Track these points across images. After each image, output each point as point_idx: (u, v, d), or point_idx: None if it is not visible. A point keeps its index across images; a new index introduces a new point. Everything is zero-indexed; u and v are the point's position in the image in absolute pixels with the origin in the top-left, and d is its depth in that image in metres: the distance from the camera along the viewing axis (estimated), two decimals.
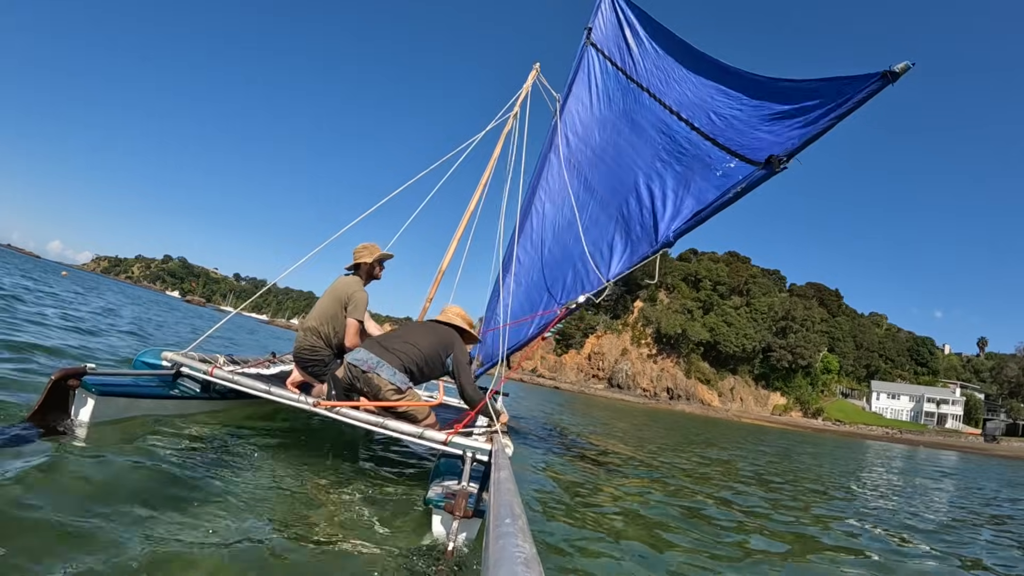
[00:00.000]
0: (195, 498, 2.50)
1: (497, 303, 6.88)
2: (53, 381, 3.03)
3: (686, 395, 78.61)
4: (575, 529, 3.37)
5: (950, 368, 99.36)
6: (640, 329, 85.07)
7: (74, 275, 42.10)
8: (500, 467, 2.53)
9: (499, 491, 2.04)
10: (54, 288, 15.53)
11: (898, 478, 12.13)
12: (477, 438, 3.41)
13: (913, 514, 6.43)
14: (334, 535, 2.48)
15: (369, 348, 3.70)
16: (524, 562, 1.24)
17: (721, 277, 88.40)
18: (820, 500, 6.66)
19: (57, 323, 8.26)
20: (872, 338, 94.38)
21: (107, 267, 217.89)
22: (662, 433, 15.48)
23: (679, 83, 5.92)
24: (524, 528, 1.54)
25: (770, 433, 33.98)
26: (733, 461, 10.31)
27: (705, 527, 4.01)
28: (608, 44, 6.94)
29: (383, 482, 3.52)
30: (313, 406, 3.42)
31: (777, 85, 4.87)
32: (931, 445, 56.18)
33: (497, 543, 1.39)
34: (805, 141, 4.36)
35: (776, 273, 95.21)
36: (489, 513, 1.89)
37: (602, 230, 6.18)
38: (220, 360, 4.40)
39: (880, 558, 3.89)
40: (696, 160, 5.39)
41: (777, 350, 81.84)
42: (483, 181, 6.88)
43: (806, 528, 4.62)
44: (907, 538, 4.81)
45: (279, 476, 3.16)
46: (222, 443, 3.55)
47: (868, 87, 3.90)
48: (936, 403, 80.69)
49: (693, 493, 5.51)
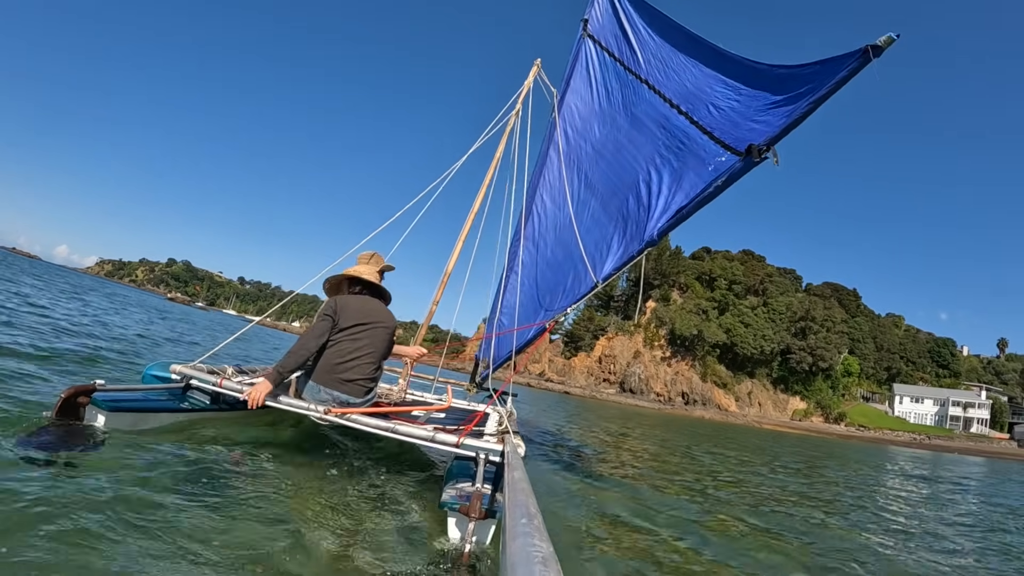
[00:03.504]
0: (206, 506, 2.52)
1: (499, 305, 6.86)
2: (63, 399, 3.11)
3: (702, 400, 75.97)
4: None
5: (971, 370, 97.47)
6: (653, 330, 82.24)
7: (73, 278, 42.70)
8: (513, 467, 2.61)
9: (514, 491, 2.09)
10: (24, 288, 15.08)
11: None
12: (489, 439, 3.50)
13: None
14: (348, 541, 2.49)
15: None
16: (542, 561, 1.26)
17: (737, 276, 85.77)
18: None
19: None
20: (892, 339, 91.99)
21: (111, 271, 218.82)
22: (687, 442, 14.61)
23: (678, 72, 5.63)
24: (540, 527, 1.57)
25: (790, 440, 33.10)
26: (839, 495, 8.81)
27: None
28: (605, 35, 6.63)
29: (395, 486, 3.54)
30: (324, 413, 3.49)
31: (775, 72, 4.51)
32: (965, 451, 54.17)
33: (514, 543, 1.42)
34: (783, 128, 4.11)
35: (792, 272, 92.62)
36: (505, 514, 1.92)
37: (603, 230, 5.97)
38: (228, 371, 4.50)
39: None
40: (692, 155, 5.15)
41: (797, 352, 79.17)
42: (486, 182, 6.85)
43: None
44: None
45: (290, 483, 3.17)
46: (228, 453, 3.51)
47: (849, 65, 3.60)
48: (962, 406, 78.46)
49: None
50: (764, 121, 4.42)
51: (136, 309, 20.51)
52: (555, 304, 6.31)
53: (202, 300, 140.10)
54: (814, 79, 3.96)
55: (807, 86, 4.02)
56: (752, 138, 4.35)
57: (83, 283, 36.16)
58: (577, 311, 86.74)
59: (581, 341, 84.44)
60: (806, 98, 3.98)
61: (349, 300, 3.99)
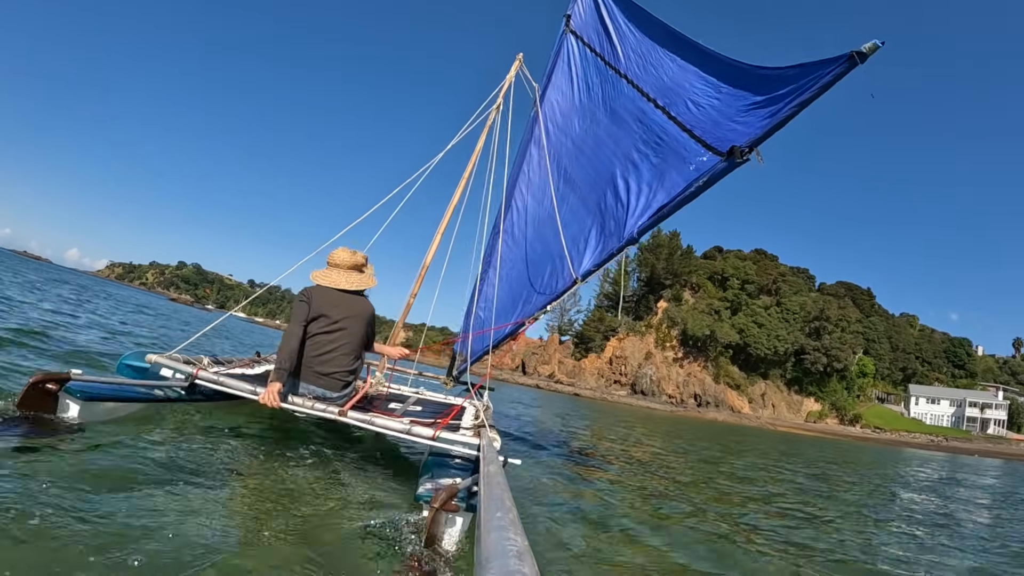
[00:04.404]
0: (177, 498, 2.46)
1: (475, 298, 6.89)
2: (31, 384, 3.03)
3: (715, 402, 75.16)
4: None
5: (987, 370, 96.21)
6: (665, 331, 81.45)
7: (80, 280, 42.31)
8: (489, 461, 2.64)
9: (489, 485, 2.09)
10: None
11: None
12: (465, 433, 3.48)
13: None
14: (323, 535, 2.45)
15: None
16: (517, 555, 1.26)
17: (749, 275, 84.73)
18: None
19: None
20: (908, 339, 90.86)
21: (121, 273, 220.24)
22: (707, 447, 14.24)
23: (656, 68, 5.59)
24: (515, 521, 1.57)
25: (805, 443, 32.35)
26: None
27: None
28: (587, 30, 6.62)
29: (371, 478, 3.52)
30: (311, 409, 3.48)
31: (757, 73, 4.44)
32: (984, 453, 53.24)
33: (489, 536, 1.41)
34: (767, 130, 4.06)
35: (805, 272, 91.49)
36: (480, 507, 1.92)
37: (581, 225, 6.01)
38: (205, 361, 4.44)
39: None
40: (672, 152, 5.12)
41: (811, 352, 78.14)
42: (466, 175, 6.88)
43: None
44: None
45: (263, 475, 3.12)
46: (206, 444, 3.47)
47: (834, 70, 3.61)
48: (979, 407, 77.36)
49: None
50: (745, 122, 4.41)
51: (105, 303, 19.60)
52: (532, 297, 6.33)
53: (212, 303, 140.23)
54: (797, 82, 3.95)
55: (790, 88, 4.01)
56: (734, 139, 4.35)
57: (80, 282, 35.71)
58: (587, 312, 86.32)
59: (592, 342, 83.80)
60: (788, 100, 3.98)
61: (323, 290, 3.92)
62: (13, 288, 14.45)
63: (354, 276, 4.05)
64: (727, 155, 4.30)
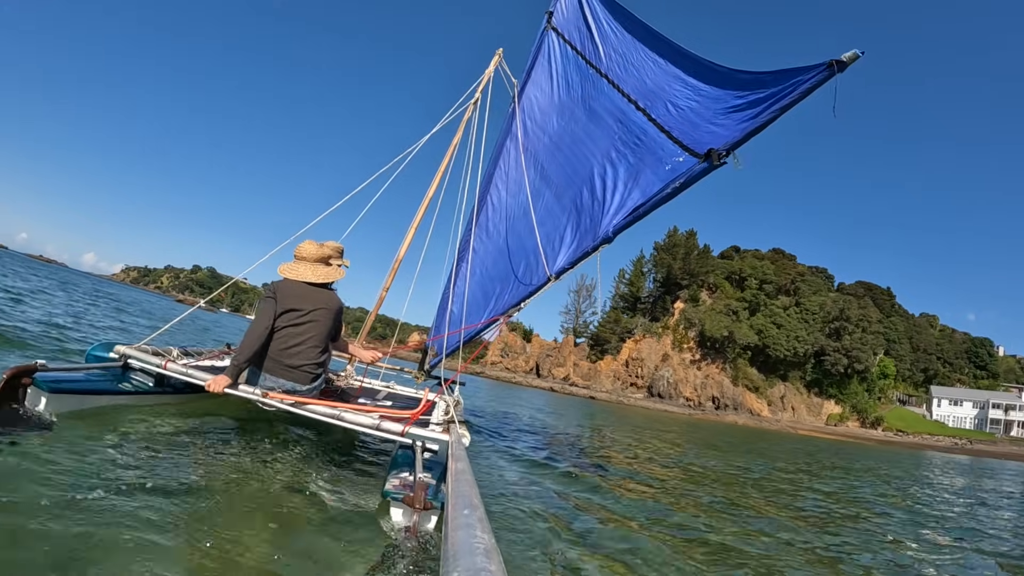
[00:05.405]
0: (143, 494, 2.42)
1: (450, 292, 6.81)
2: (5, 380, 2.98)
3: (733, 404, 74.17)
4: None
5: (1008, 371, 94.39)
6: (682, 332, 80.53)
7: (90, 283, 42.05)
8: (457, 458, 2.61)
9: (457, 482, 2.08)
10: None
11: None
12: (435, 428, 3.45)
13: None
14: (289, 531, 2.45)
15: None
16: (484, 553, 1.25)
17: (767, 275, 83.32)
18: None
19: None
20: (929, 340, 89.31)
21: (136, 277, 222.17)
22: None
23: (638, 68, 5.62)
24: (483, 519, 1.55)
25: (828, 447, 31.26)
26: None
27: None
28: (569, 28, 6.68)
29: (339, 474, 3.50)
30: (262, 397, 3.43)
31: (737, 77, 4.50)
32: (1009, 456, 52.12)
33: (456, 534, 1.40)
34: (746, 134, 4.09)
35: (824, 271, 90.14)
36: (447, 504, 1.90)
37: (556, 221, 6.05)
38: (174, 353, 4.35)
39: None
40: (649, 152, 5.14)
41: (831, 353, 76.76)
42: (441, 169, 6.91)
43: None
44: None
45: (230, 471, 3.08)
46: (173, 437, 3.46)
47: (813, 77, 3.67)
48: (1003, 409, 75.90)
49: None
50: (724, 125, 4.46)
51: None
52: (506, 293, 6.35)
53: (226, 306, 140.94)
54: (777, 87, 3.99)
55: (768, 92, 4.05)
56: (712, 142, 4.39)
57: (82, 284, 35.11)
58: (603, 314, 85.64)
59: (607, 344, 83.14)
60: (767, 105, 4.01)
61: (290, 284, 3.91)
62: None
63: (320, 269, 4.02)
64: (704, 157, 4.31)
